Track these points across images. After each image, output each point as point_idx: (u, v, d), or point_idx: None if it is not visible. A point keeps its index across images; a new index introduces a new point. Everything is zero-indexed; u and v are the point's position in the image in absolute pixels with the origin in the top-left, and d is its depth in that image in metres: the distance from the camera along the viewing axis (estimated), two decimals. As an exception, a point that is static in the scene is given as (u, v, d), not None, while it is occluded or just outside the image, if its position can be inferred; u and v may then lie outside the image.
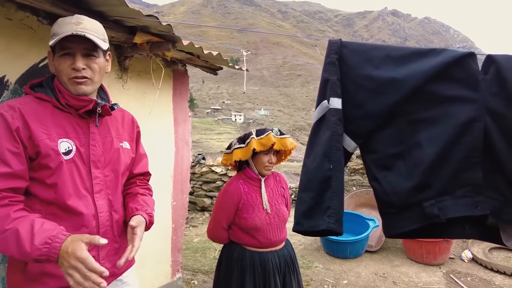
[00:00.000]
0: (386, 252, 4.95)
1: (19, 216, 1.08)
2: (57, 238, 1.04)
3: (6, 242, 1.05)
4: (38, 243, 1.02)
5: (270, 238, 2.02)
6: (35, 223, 1.07)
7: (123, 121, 1.49)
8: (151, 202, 1.47)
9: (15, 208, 1.10)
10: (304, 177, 1.07)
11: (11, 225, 1.05)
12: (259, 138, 2.00)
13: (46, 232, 1.05)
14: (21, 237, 1.03)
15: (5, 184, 1.11)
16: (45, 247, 1.03)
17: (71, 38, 1.20)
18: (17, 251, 1.04)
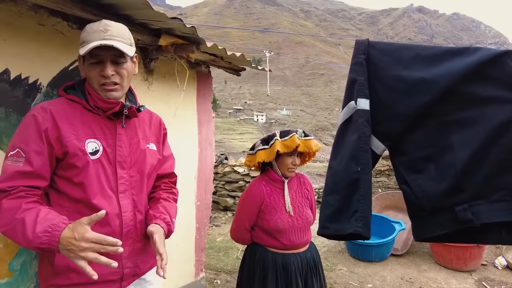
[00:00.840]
0: (412, 256, 4.81)
1: (29, 207, 1.11)
2: (57, 227, 1.06)
3: (14, 231, 1.08)
4: (39, 231, 1.04)
5: (293, 240, 2.01)
6: (40, 212, 1.09)
7: (151, 123, 1.52)
8: (172, 209, 1.48)
9: (27, 200, 1.13)
10: (330, 179, 1.05)
11: (20, 215, 1.08)
12: (283, 140, 1.98)
13: (48, 221, 1.07)
14: (26, 225, 1.06)
15: (24, 182, 1.16)
16: (45, 235, 1.04)
17: (99, 47, 1.23)
18: (22, 239, 1.07)
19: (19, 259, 1.50)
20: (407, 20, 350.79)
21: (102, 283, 1.26)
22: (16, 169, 1.15)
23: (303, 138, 2.03)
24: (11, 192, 1.12)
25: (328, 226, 1.03)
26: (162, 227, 1.35)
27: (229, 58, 2.26)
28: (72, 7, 1.46)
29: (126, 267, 1.33)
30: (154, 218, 1.38)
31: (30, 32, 1.54)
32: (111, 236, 1.12)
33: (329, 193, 1.04)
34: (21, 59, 1.51)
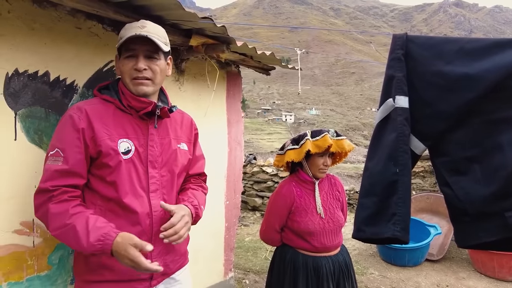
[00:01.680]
0: (449, 262, 4.59)
1: (76, 212, 1.18)
2: (108, 236, 1.15)
3: (66, 236, 1.16)
4: (93, 240, 1.13)
5: (324, 243, 1.96)
6: (89, 220, 1.17)
7: (182, 123, 1.53)
8: (200, 197, 1.49)
9: (72, 204, 1.19)
10: (366, 181, 1.01)
11: (70, 220, 1.15)
12: (315, 140, 1.93)
13: (99, 230, 1.15)
14: (78, 233, 1.14)
15: (64, 181, 1.20)
16: (99, 244, 1.14)
17: (135, 40, 1.27)
18: (75, 245, 1.16)
19: (57, 253, 1.56)
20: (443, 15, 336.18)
21: (132, 281, 1.28)
22: (55, 168, 1.19)
23: (336, 138, 1.97)
24: (54, 193, 1.17)
25: (364, 229, 0.98)
26: (190, 208, 1.36)
27: (259, 57, 2.24)
28: (107, 9, 1.50)
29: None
30: (182, 201, 1.40)
31: (68, 35, 1.60)
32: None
33: (366, 195, 1.00)
34: (59, 62, 1.57)
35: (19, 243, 1.44)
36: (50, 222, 1.17)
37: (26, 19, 1.45)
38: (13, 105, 1.43)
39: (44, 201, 1.18)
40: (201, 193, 1.54)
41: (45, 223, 1.21)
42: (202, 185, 1.60)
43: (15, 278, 1.43)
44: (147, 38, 1.27)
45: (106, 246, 1.14)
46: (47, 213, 1.17)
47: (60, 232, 1.16)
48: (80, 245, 1.14)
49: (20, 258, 1.45)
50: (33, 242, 1.48)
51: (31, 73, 1.48)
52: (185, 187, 1.52)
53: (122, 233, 1.18)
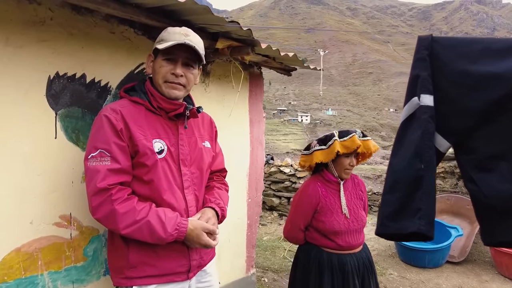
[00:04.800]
0: (471, 265, 4.50)
1: (142, 207, 1.27)
2: (182, 224, 1.29)
3: (140, 231, 1.25)
4: (171, 230, 1.26)
5: (349, 241, 1.99)
6: (159, 213, 1.28)
7: (203, 122, 1.60)
8: (225, 197, 1.57)
9: (135, 201, 1.27)
10: (391, 178, 1.04)
11: (140, 216, 1.24)
12: (343, 140, 1.95)
13: (172, 220, 1.28)
14: (154, 226, 1.24)
15: (117, 179, 1.27)
16: (175, 232, 1.27)
17: (177, 46, 1.34)
18: (151, 238, 1.26)
19: (91, 246, 1.66)
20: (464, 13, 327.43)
21: (172, 275, 1.37)
22: (108, 167, 1.25)
23: (362, 139, 1.99)
24: (113, 191, 1.24)
25: (388, 225, 1.02)
26: (216, 210, 1.46)
27: (281, 59, 2.29)
28: (139, 15, 1.58)
29: (193, 259, 1.42)
30: (209, 201, 1.48)
31: (103, 39, 1.69)
32: None
33: (390, 191, 1.03)
34: (95, 64, 1.66)
35: (58, 234, 1.54)
36: (119, 221, 1.23)
37: (66, 25, 1.55)
38: (54, 106, 1.53)
39: (105, 201, 1.23)
40: (225, 192, 1.62)
41: (111, 223, 1.25)
42: (224, 182, 1.68)
43: (54, 268, 1.53)
44: (191, 47, 1.34)
45: (181, 234, 1.28)
46: (115, 214, 1.22)
47: (134, 229, 1.24)
48: (157, 237, 1.25)
49: (60, 249, 1.54)
50: (70, 234, 1.58)
51: (70, 75, 1.58)
52: (210, 185, 1.59)
53: (191, 220, 1.33)
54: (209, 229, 1.35)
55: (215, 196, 1.52)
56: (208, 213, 1.42)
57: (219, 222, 1.50)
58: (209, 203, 1.47)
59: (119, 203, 1.24)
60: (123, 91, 1.47)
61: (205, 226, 1.35)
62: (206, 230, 1.35)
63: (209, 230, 1.35)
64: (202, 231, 1.34)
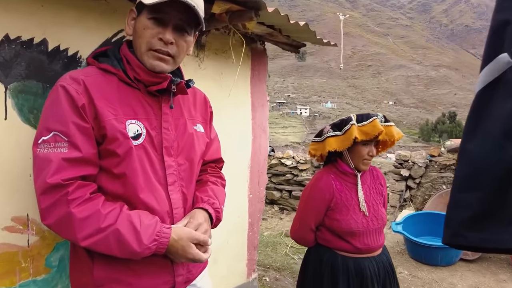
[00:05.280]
0: (487, 263, 4.26)
1: (109, 210, 0.94)
2: (163, 234, 0.98)
3: (106, 243, 0.93)
4: (147, 242, 0.95)
5: (367, 243, 1.71)
6: (133, 219, 0.95)
7: (195, 100, 1.26)
8: (221, 195, 1.25)
9: (100, 202, 0.95)
10: (466, 169, 0.71)
11: (106, 223, 0.92)
12: (361, 125, 1.65)
13: (149, 228, 0.97)
14: (125, 238, 0.93)
15: (76, 172, 0.94)
16: (154, 245, 0.97)
17: (170, 2, 0.98)
18: (120, 252, 0.93)
19: (57, 254, 1.33)
20: (464, 5, 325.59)
21: None
22: (63, 156, 0.93)
23: (384, 124, 1.69)
24: (69, 189, 0.91)
25: (465, 235, 0.70)
26: (210, 212, 1.14)
27: (289, 31, 1.95)
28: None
29: (179, 274, 1.10)
30: (201, 201, 1.16)
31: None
32: None
33: (465, 188, 0.71)
34: (59, 28, 1.32)
35: (11, 242, 1.21)
36: (77, 230, 0.91)
37: (17, -26, 1.21)
38: (2, 78, 1.19)
39: (58, 202, 0.91)
40: (221, 189, 1.29)
41: (67, 231, 0.93)
42: (220, 176, 1.35)
43: (6, 284, 1.20)
44: (188, 6, 0.99)
45: (161, 246, 0.98)
46: (71, 219, 0.91)
47: (97, 239, 0.92)
48: (129, 251, 0.93)
49: (12, 260, 1.21)
50: (27, 241, 1.25)
51: (25, 40, 1.24)
52: (202, 179, 1.26)
53: (176, 228, 1.02)
54: (199, 240, 1.04)
55: (208, 193, 1.19)
56: (199, 217, 1.10)
57: (213, 226, 1.19)
58: (201, 203, 1.15)
59: (78, 204, 0.91)
60: (92, 57, 1.12)
61: (194, 235, 1.04)
62: (195, 240, 1.04)
63: (199, 241, 1.05)
64: (190, 242, 1.02)
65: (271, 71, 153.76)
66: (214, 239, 2.05)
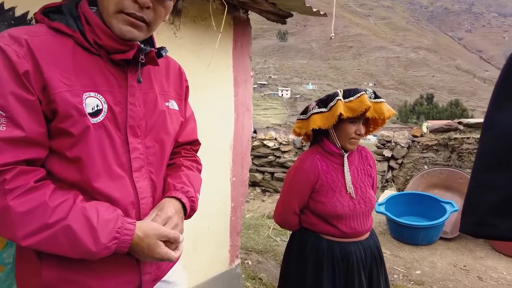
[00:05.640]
0: (464, 241, 4.36)
1: (59, 202, 0.77)
2: (124, 230, 0.83)
3: (55, 242, 0.76)
4: (106, 240, 0.80)
5: (354, 227, 1.62)
6: (89, 213, 0.78)
7: (168, 72, 1.07)
8: (196, 181, 1.09)
9: (47, 192, 0.77)
10: (496, 144, 0.59)
11: (55, 217, 0.75)
12: (348, 101, 1.53)
13: (109, 224, 0.81)
14: (78, 235, 0.78)
15: (17, 155, 0.75)
16: (114, 244, 0.82)
17: None
18: (72, 251, 0.78)
19: (10, 250, 1.15)
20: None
21: None
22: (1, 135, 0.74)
23: (373, 100, 1.57)
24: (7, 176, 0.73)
25: (493, 223, 0.58)
26: (183, 202, 0.99)
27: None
28: None
29: (146, 272, 0.95)
30: (173, 189, 1.00)
31: None
32: None
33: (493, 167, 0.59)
34: (2, -19, 1.10)
35: (-50, 237, 1.03)
36: (17, 226, 0.74)
37: None
38: None
39: None
40: (197, 175, 1.12)
41: (4, 229, 0.76)
42: (196, 159, 1.17)
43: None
44: None
45: (123, 245, 0.83)
46: (8, 214, 0.73)
47: (42, 238, 0.75)
48: (84, 250, 0.79)
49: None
50: (-28, 235, 1.07)
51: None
52: (176, 163, 1.10)
53: (141, 224, 0.87)
54: (168, 237, 0.89)
55: (182, 180, 1.03)
56: (169, 209, 0.94)
57: (187, 217, 1.03)
58: (173, 192, 0.99)
59: (18, 195, 0.74)
60: (41, 13, 0.90)
61: (162, 232, 0.89)
62: (164, 237, 0.88)
63: (168, 238, 0.89)
64: (158, 239, 0.87)
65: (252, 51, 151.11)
66: (193, 226, 1.91)
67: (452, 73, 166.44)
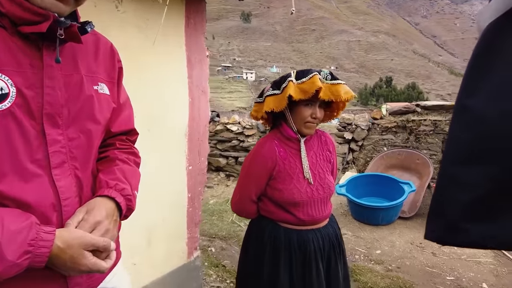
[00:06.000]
0: (420, 219, 4.55)
1: None
2: (40, 241, 0.68)
3: None
4: (14, 257, 0.65)
5: (312, 214, 1.56)
6: None
7: (97, 51, 0.91)
8: (133, 177, 0.96)
9: None
10: (469, 133, 0.51)
11: None
12: (300, 82, 1.44)
13: (17, 236, 0.66)
14: None
15: None
16: (26, 259, 0.67)
17: None
18: None
19: None
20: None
21: None
22: None
23: (329, 82, 1.48)
24: None
25: (464, 228, 0.50)
26: (118, 201, 0.85)
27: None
28: None
29: (75, 284, 0.81)
30: (106, 186, 0.86)
31: None
32: None
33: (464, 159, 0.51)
34: None
35: None
36: None
37: None
38: None
39: None
40: (134, 169, 0.98)
41: None
42: (133, 152, 1.03)
43: None
44: None
45: (38, 259, 0.68)
46: None
47: None
48: None
49: None
50: None
51: None
52: (109, 156, 0.96)
53: (62, 232, 0.72)
54: (96, 245, 0.76)
55: (116, 175, 0.89)
56: (99, 212, 0.81)
57: (123, 218, 0.90)
58: (105, 189, 0.85)
59: None
60: None
61: (89, 240, 0.75)
62: (91, 246, 0.75)
63: (97, 247, 0.76)
64: (83, 249, 0.73)
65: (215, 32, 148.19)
66: (146, 219, 1.76)
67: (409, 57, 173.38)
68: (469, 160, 0.50)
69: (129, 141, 1.04)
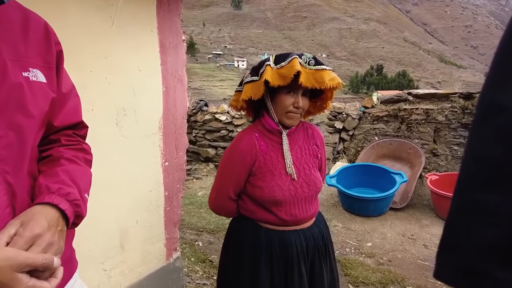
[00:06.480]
0: (412, 210, 4.49)
1: None
2: None
3: None
4: None
5: (295, 214, 1.41)
6: None
7: (27, 30, 0.74)
8: (82, 177, 0.82)
9: None
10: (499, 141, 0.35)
11: None
12: (279, 67, 1.28)
13: None
14: None
15: None
16: None
17: None
18: None
19: None
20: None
21: None
22: None
23: (313, 67, 1.31)
24: None
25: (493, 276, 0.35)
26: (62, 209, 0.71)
27: None
28: None
29: None
30: (47, 192, 0.71)
31: None
32: None
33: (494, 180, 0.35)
34: None
35: None
36: None
37: None
38: None
39: None
40: (83, 169, 0.82)
41: None
42: (83, 148, 0.88)
43: None
44: None
45: None
46: None
47: None
48: None
49: None
50: None
51: None
52: (52, 155, 0.80)
53: None
54: (33, 265, 0.61)
55: (60, 178, 0.74)
56: (37, 223, 0.65)
57: (71, 226, 0.75)
58: (46, 196, 0.70)
59: None
60: None
61: (22, 261, 0.60)
62: (26, 267, 0.60)
63: (35, 266, 0.61)
64: (16, 271, 0.59)
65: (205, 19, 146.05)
66: (118, 220, 1.59)
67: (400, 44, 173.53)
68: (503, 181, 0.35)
69: (77, 136, 0.88)
